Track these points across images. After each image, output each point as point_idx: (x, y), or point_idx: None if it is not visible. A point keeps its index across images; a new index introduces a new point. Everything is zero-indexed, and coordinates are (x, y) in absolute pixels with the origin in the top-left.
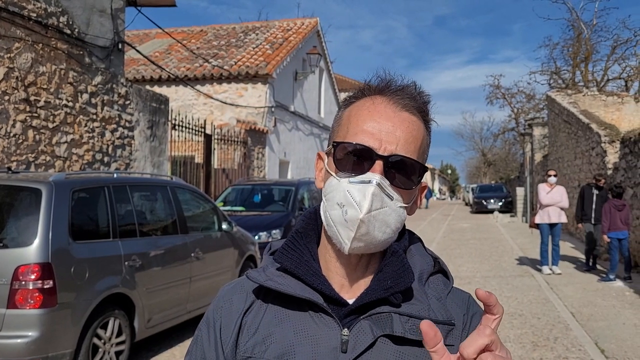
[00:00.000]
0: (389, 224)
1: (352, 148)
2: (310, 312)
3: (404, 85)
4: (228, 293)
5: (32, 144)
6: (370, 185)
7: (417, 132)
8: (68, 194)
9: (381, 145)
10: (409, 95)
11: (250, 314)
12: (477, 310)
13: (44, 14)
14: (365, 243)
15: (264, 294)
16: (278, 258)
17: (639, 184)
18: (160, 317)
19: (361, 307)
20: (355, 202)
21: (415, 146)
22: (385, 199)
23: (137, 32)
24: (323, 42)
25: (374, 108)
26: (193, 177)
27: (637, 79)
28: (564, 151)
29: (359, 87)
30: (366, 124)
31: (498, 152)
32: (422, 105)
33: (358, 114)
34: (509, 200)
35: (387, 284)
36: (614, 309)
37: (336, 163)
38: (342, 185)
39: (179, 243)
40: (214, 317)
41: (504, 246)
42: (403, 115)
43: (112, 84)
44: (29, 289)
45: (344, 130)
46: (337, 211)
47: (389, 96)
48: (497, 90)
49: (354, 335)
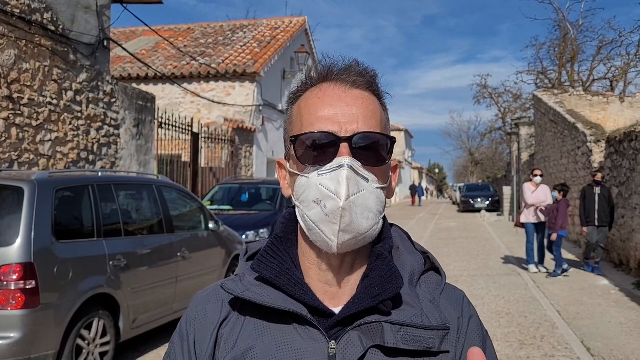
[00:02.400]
0: (370, 207)
1: (311, 138)
2: (295, 324)
3: (346, 65)
4: (202, 302)
5: (16, 142)
6: (342, 169)
7: (373, 106)
8: (51, 193)
9: (341, 128)
10: (355, 73)
11: (227, 326)
12: (473, 313)
13: (28, 10)
14: (352, 234)
15: (241, 305)
16: (256, 267)
17: (624, 183)
18: (145, 318)
19: (348, 317)
20: (331, 192)
21: (375, 121)
22: (360, 181)
23: (123, 29)
24: (311, 41)
25: (323, 94)
26: (180, 176)
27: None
28: (550, 150)
29: (301, 81)
30: (319, 111)
31: (485, 152)
32: (371, 79)
33: (308, 104)
34: (496, 200)
35: (375, 292)
36: (599, 307)
37: (299, 160)
38: (312, 181)
39: (165, 242)
40: (187, 329)
41: (491, 245)
42: (354, 92)
43: (98, 82)
44: (11, 290)
45: (298, 125)
46: (316, 209)
47: (335, 79)
48: (485, 90)
49: (342, 347)
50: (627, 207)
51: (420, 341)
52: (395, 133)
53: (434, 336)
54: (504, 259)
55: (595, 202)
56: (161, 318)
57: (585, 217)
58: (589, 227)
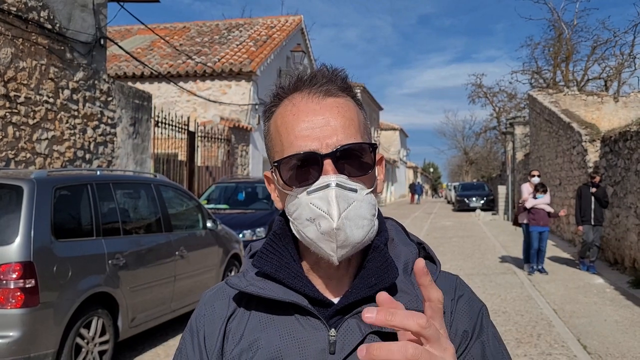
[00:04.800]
0: (363, 215)
1: (294, 160)
2: (296, 315)
3: (315, 72)
4: (210, 300)
5: (12, 140)
6: (330, 189)
7: (349, 112)
8: (50, 192)
9: (322, 143)
10: (326, 80)
11: (234, 321)
12: (464, 292)
13: (24, 8)
14: (351, 246)
15: (246, 300)
16: (257, 263)
17: (619, 182)
18: (144, 317)
19: (347, 306)
20: (323, 212)
21: (354, 128)
22: (349, 195)
23: (119, 28)
24: (307, 40)
25: (297, 109)
26: (176, 175)
27: (617, 79)
28: (545, 150)
29: (273, 94)
30: (296, 128)
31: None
32: (341, 82)
33: (284, 121)
34: (490, 199)
35: (371, 282)
36: (595, 305)
37: (286, 182)
38: (302, 201)
39: (163, 241)
40: (197, 326)
41: (486, 244)
42: (328, 101)
43: (94, 80)
44: (10, 288)
45: (279, 146)
46: (311, 227)
47: (305, 90)
48: (479, 89)
49: (342, 335)
50: (622, 207)
51: None
52: (390, 132)
53: None
54: (500, 258)
55: (591, 202)
56: (159, 317)
57: (581, 216)
58: (584, 226)
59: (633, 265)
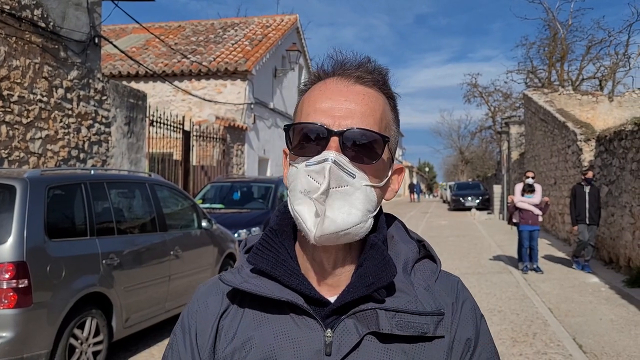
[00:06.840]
0: (353, 204)
1: (303, 129)
2: (292, 314)
3: (358, 62)
4: (203, 295)
5: (5, 139)
6: (327, 163)
7: (374, 103)
8: (43, 191)
9: (335, 121)
10: (364, 70)
11: (227, 318)
12: (467, 297)
13: (18, 6)
14: (332, 229)
15: (240, 296)
16: (252, 259)
17: (614, 181)
18: (138, 317)
19: (343, 305)
20: (316, 182)
21: (374, 118)
22: (344, 177)
23: (114, 26)
24: (303, 39)
25: (326, 87)
26: (171, 174)
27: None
28: (540, 149)
29: (313, 73)
30: (317, 103)
31: (475, 150)
32: (379, 77)
33: (310, 95)
34: (486, 198)
35: (369, 280)
36: (590, 304)
37: (292, 150)
38: (300, 172)
39: (158, 241)
40: (189, 322)
41: (482, 243)
42: (357, 88)
43: (88, 79)
44: (3, 289)
45: (298, 116)
46: (300, 199)
47: (341, 74)
48: (475, 88)
49: (338, 335)
50: (617, 206)
51: (415, 327)
52: None
53: (428, 322)
54: (495, 257)
55: (585, 201)
56: (154, 317)
57: (576, 215)
58: (579, 225)
59: (628, 264)
